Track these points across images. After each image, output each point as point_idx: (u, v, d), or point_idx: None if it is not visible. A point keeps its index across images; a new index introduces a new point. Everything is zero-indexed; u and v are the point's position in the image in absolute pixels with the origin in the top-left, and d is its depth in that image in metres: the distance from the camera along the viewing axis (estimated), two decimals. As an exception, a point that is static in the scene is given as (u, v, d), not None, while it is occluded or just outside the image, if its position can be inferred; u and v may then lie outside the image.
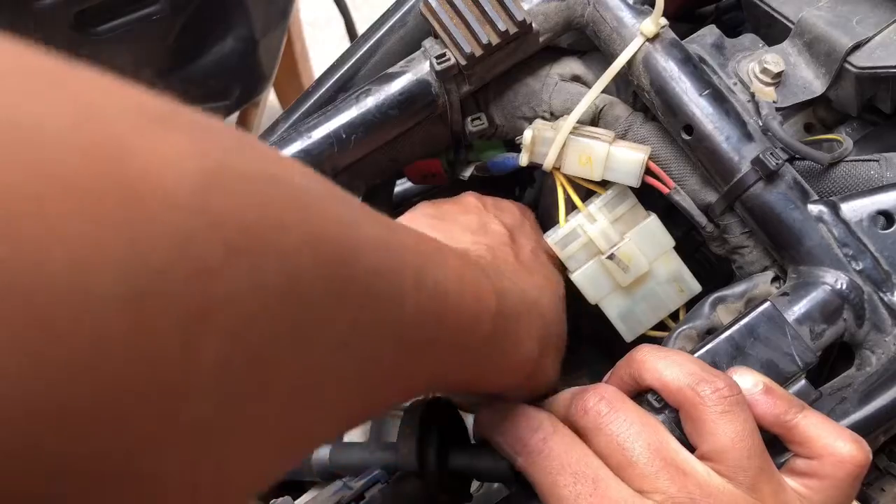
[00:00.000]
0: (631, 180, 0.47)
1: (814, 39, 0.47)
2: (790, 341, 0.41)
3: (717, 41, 0.50)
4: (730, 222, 0.47)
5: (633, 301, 0.50)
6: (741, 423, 0.36)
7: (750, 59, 0.49)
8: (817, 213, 0.44)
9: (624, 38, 0.47)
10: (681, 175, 0.48)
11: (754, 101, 0.48)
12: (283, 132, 0.54)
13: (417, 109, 0.49)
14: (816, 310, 0.42)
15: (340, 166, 0.50)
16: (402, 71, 0.49)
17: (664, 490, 0.34)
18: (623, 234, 0.49)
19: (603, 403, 0.37)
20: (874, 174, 0.46)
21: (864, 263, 0.43)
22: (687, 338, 0.46)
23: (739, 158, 0.44)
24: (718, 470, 0.35)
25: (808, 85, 0.48)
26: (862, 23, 0.46)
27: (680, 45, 0.46)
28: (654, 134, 0.48)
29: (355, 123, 0.49)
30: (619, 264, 0.48)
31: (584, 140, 0.47)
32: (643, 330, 0.51)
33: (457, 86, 0.49)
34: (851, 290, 0.43)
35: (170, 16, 0.86)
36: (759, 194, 0.44)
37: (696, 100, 0.45)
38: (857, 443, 0.37)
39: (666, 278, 0.50)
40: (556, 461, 0.36)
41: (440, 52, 0.47)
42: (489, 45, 0.46)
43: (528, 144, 0.47)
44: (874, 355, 0.43)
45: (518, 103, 0.51)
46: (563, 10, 0.49)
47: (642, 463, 0.35)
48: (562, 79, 0.51)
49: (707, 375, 0.37)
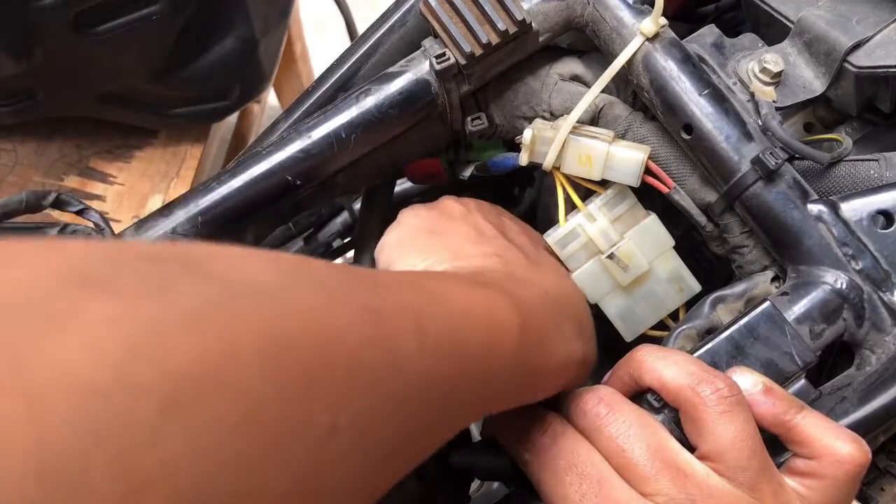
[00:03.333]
0: (630, 180, 0.47)
1: (813, 39, 0.47)
2: (790, 341, 0.41)
3: (716, 41, 0.50)
4: (729, 222, 0.47)
5: (632, 300, 0.50)
6: (741, 423, 0.36)
7: (749, 58, 0.49)
8: (817, 213, 0.44)
9: (623, 37, 0.47)
10: (680, 175, 0.48)
11: (754, 101, 0.48)
12: (283, 132, 0.54)
13: (417, 109, 0.49)
14: (816, 309, 0.42)
15: (340, 166, 0.50)
16: (402, 70, 0.49)
17: (665, 492, 0.34)
18: (623, 233, 0.49)
19: (602, 405, 0.37)
20: (874, 174, 0.46)
21: (863, 263, 0.43)
22: (687, 337, 0.46)
23: (739, 158, 0.44)
24: (718, 470, 0.35)
25: (807, 84, 0.48)
26: (861, 22, 0.46)
27: (679, 45, 0.46)
28: (653, 133, 0.48)
29: (355, 123, 0.49)
30: (618, 264, 0.48)
31: (583, 140, 0.47)
32: (643, 329, 0.51)
33: (456, 85, 0.49)
34: (851, 289, 0.43)
35: (170, 16, 0.86)
36: (759, 194, 0.44)
37: (696, 99, 0.45)
38: (856, 443, 0.37)
39: (666, 278, 0.50)
40: (563, 460, 0.36)
41: (440, 52, 0.47)
42: (489, 45, 0.46)
43: (527, 144, 0.47)
44: (874, 355, 0.43)
45: (518, 103, 0.51)
46: (563, 9, 0.49)
47: (642, 464, 0.35)
48: (561, 78, 0.51)
49: (707, 375, 0.37)
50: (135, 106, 0.98)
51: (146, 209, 1.01)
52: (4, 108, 0.96)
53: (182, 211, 0.49)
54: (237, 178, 0.49)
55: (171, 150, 1.05)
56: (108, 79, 0.93)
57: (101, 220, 0.47)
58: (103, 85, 0.94)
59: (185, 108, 1.00)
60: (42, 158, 1.02)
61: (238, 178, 0.49)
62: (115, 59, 0.89)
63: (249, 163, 0.49)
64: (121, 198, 1.01)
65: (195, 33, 0.91)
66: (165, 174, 1.03)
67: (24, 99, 0.95)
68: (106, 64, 0.90)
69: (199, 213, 0.48)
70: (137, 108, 0.99)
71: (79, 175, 1.02)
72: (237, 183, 0.49)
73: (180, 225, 0.48)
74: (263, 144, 0.51)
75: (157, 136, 1.05)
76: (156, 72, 0.93)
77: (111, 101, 0.96)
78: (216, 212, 0.49)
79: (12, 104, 0.96)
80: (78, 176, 1.02)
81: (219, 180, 0.49)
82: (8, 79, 0.89)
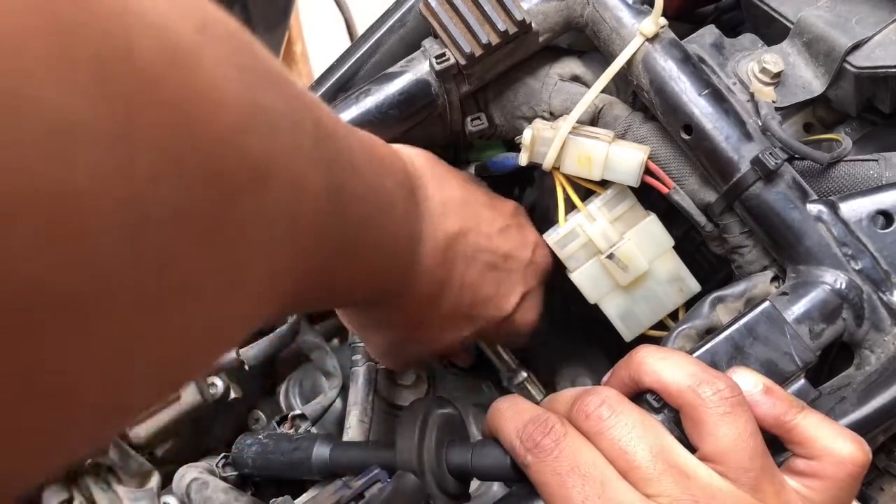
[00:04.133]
0: (630, 180, 0.47)
1: (813, 39, 0.47)
2: (789, 341, 0.41)
3: (716, 41, 0.50)
4: (729, 222, 0.47)
5: (632, 301, 0.50)
6: (742, 424, 0.36)
7: (749, 58, 0.49)
8: (816, 213, 0.44)
9: (623, 37, 0.47)
10: (680, 175, 0.48)
11: (753, 101, 0.48)
12: (283, 132, 0.54)
13: (417, 109, 0.49)
14: (816, 309, 0.42)
15: (340, 166, 0.50)
16: (402, 71, 0.49)
17: (668, 493, 0.34)
18: (622, 233, 0.49)
19: (604, 407, 0.37)
20: (873, 174, 0.46)
21: (863, 263, 0.43)
22: (686, 337, 0.46)
23: (739, 158, 0.44)
24: (721, 471, 0.35)
25: (807, 85, 0.48)
26: (861, 22, 0.46)
27: (679, 45, 0.46)
28: (653, 134, 0.49)
29: (355, 123, 0.49)
30: (618, 264, 0.48)
31: (583, 140, 0.47)
32: (642, 329, 0.51)
33: (456, 85, 0.49)
34: (851, 289, 0.43)
35: (170, 16, 0.86)
36: (759, 194, 0.44)
37: (696, 99, 0.45)
38: (857, 443, 0.37)
39: (665, 278, 0.50)
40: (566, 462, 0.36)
41: (440, 52, 0.47)
42: (489, 45, 0.46)
43: (527, 144, 0.47)
44: (873, 355, 0.43)
45: (518, 103, 0.51)
46: (563, 9, 0.49)
47: (645, 466, 0.35)
48: (561, 79, 0.51)
49: (707, 376, 0.37)
50: (135, 106, 0.98)
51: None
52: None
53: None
54: (237, 179, 0.49)
55: (172, 150, 1.04)
56: (109, 79, 0.93)
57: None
58: (103, 85, 0.94)
59: (185, 109, 1.00)
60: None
61: (238, 179, 0.49)
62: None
63: (249, 163, 0.49)
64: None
65: (195, 33, 0.91)
66: (165, 174, 1.03)
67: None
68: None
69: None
70: (138, 108, 0.99)
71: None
72: (237, 183, 0.49)
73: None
74: (263, 144, 0.51)
75: (158, 136, 1.05)
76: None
77: (111, 101, 0.96)
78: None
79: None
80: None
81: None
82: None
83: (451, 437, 0.44)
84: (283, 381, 0.61)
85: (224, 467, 0.51)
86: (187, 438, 0.52)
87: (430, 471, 0.42)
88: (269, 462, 0.49)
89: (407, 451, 0.42)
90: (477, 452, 0.42)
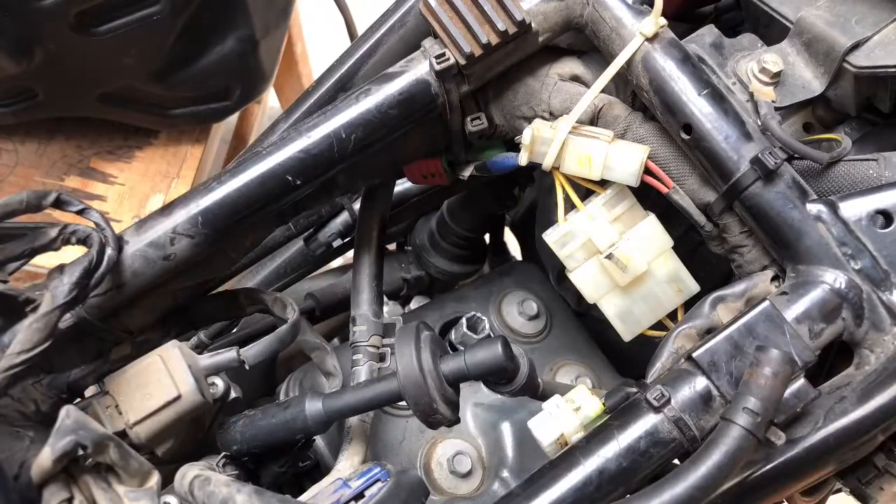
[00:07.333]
0: (630, 180, 0.47)
1: (812, 39, 0.47)
2: (789, 340, 0.41)
3: (715, 41, 0.50)
4: (729, 222, 0.47)
5: (631, 300, 0.50)
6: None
7: (749, 58, 0.49)
8: (816, 213, 0.44)
9: (623, 37, 0.47)
10: (680, 174, 0.48)
11: (753, 101, 0.48)
12: (283, 132, 0.54)
13: (417, 109, 0.49)
14: (815, 309, 0.43)
15: (340, 166, 0.50)
16: (402, 71, 0.49)
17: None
18: (622, 233, 0.49)
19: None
20: (873, 173, 0.46)
21: (862, 262, 0.43)
22: (686, 336, 0.46)
23: (738, 158, 0.45)
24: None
25: (806, 84, 0.48)
26: (860, 22, 0.46)
27: (679, 45, 0.46)
28: (652, 133, 0.49)
29: (355, 123, 0.49)
30: (617, 264, 0.48)
31: (583, 139, 0.47)
32: (641, 329, 0.51)
33: (456, 85, 0.49)
34: (850, 289, 0.43)
35: (170, 16, 0.86)
36: (758, 193, 0.44)
37: (695, 99, 0.45)
38: None
39: (664, 278, 0.50)
40: None
41: (440, 52, 0.47)
42: (488, 45, 0.47)
43: (527, 144, 0.48)
44: (873, 354, 0.43)
45: (517, 103, 0.51)
46: (562, 9, 0.49)
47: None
48: (561, 78, 0.51)
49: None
50: (135, 106, 0.99)
51: (147, 209, 1.01)
52: (5, 109, 0.96)
53: (183, 211, 0.49)
54: (237, 178, 0.49)
55: (172, 151, 1.05)
56: (109, 79, 0.93)
57: (102, 219, 0.47)
58: (104, 85, 0.94)
59: (185, 109, 1.00)
60: (43, 159, 1.02)
61: (238, 178, 0.49)
62: (116, 60, 0.89)
63: (250, 163, 0.49)
64: (121, 198, 1.01)
65: (195, 34, 0.91)
66: (166, 174, 1.03)
67: (25, 99, 0.95)
68: (106, 64, 0.90)
69: (199, 212, 0.49)
70: (138, 108, 0.99)
71: (80, 175, 1.02)
72: (237, 183, 0.49)
73: (181, 224, 0.49)
74: (264, 144, 0.51)
75: (158, 136, 1.05)
76: (156, 72, 0.93)
77: (112, 101, 0.97)
78: (217, 211, 0.49)
79: (13, 104, 0.96)
80: (79, 176, 1.02)
81: (219, 180, 0.49)
82: (8, 79, 0.89)
83: (441, 353, 0.47)
84: (282, 381, 0.62)
85: (224, 466, 0.51)
86: (187, 438, 0.52)
87: (432, 380, 0.44)
88: (259, 429, 0.49)
89: (409, 368, 0.45)
90: (469, 353, 0.45)
